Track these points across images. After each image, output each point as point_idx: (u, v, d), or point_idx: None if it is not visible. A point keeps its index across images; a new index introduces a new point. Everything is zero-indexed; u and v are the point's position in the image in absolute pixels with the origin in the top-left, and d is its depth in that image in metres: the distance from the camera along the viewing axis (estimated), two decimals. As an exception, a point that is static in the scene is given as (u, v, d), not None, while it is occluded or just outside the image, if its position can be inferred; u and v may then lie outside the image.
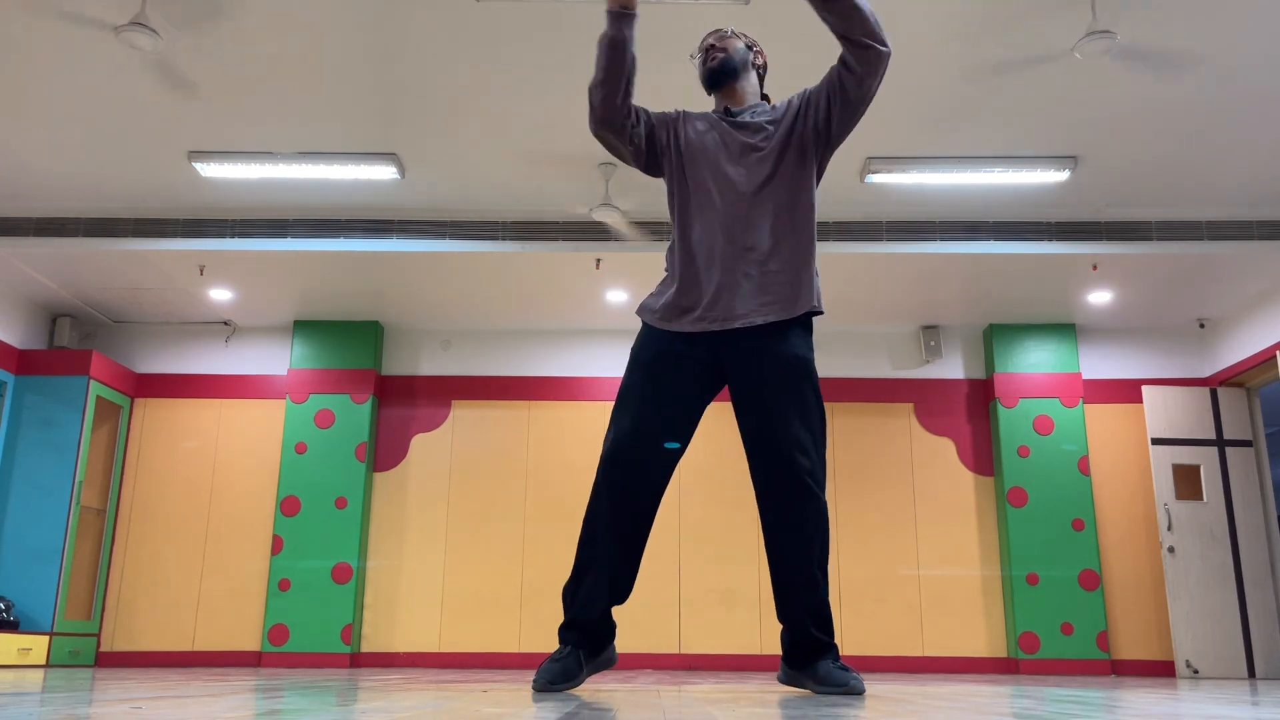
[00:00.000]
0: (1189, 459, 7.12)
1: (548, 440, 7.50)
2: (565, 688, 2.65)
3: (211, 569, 7.25)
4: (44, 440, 6.90)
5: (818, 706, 2.06)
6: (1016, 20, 4.38)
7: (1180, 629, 6.83)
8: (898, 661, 7.09)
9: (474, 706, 1.95)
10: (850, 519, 7.35)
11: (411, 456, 7.49)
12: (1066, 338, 7.47)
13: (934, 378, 7.61)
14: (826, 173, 5.73)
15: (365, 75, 4.83)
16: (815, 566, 2.68)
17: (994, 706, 2.12)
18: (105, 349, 7.66)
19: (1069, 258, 6.29)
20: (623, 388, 2.74)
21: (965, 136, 5.36)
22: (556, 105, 5.07)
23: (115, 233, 6.20)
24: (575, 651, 2.68)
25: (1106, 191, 5.94)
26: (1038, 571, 7.02)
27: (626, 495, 2.66)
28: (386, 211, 6.24)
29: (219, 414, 7.53)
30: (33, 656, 6.37)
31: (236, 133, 5.35)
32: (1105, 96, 4.94)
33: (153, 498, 7.37)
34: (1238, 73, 4.72)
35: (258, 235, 6.25)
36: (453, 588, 7.22)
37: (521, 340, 7.72)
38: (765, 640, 7.10)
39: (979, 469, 7.43)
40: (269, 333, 7.71)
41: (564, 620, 2.73)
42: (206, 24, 4.42)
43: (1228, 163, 5.57)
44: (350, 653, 6.95)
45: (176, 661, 7.08)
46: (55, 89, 4.92)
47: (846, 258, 6.33)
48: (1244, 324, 7.09)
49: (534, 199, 6.08)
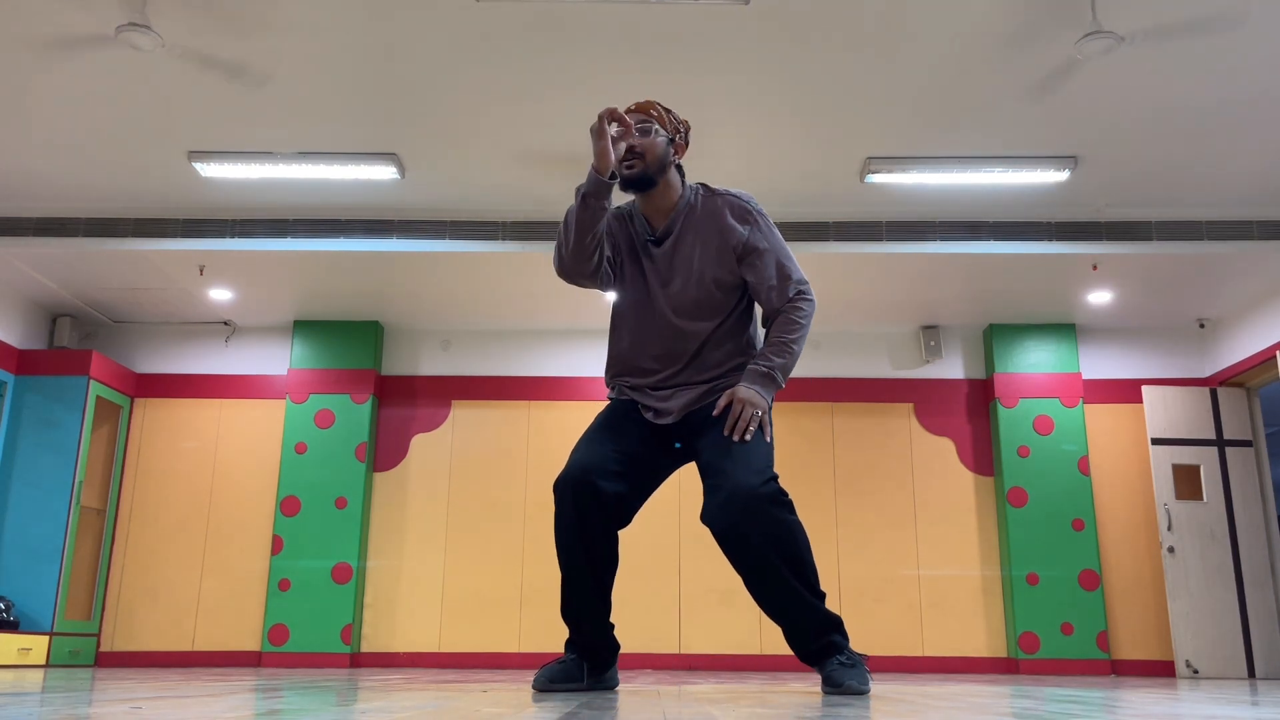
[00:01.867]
0: (1189, 459, 7.12)
1: (548, 440, 7.50)
2: (566, 689, 2.66)
3: (211, 569, 7.25)
4: (44, 440, 6.90)
5: (817, 706, 2.06)
6: (1016, 20, 4.38)
7: (1180, 629, 6.83)
8: (898, 661, 7.08)
9: (474, 706, 1.95)
10: (850, 519, 7.35)
11: (411, 456, 7.48)
12: (1066, 338, 7.47)
13: (934, 378, 7.61)
14: (826, 173, 5.74)
15: (365, 75, 4.83)
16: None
17: (994, 706, 2.12)
18: (105, 349, 7.66)
19: (1069, 258, 6.29)
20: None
21: (965, 136, 5.36)
22: (556, 105, 5.07)
23: (115, 233, 6.20)
24: (579, 660, 2.72)
25: (1106, 191, 5.94)
26: (1038, 571, 7.02)
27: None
28: (386, 211, 6.24)
29: (219, 414, 7.53)
30: (33, 656, 6.37)
31: (236, 133, 5.35)
32: (1105, 96, 4.94)
33: (153, 498, 7.37)
34: (1238, 73, 4.72)
35: (258, 235, 6.24)
36: (453, 588, 7.22)
37: (521, 340, 7.72)
38: (765, 640, 7.10)
39: (979, 469, 7.42)
40: (269, 333, 7.71)
41: (569, 636, 2.79)
42: (206, 24, 4.42)
43: (1228, 163, 5.57)
44: (350, 653, 6.95)
45: (176, 661, 7.08)
46: (55, 89, 4.92)
47: (846, 258, 6.33)
48: (1244, 324, 7.09)
49: (534, 199, 6.08)
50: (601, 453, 2.66)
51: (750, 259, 2.73)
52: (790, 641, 2.69)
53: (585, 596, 2.67)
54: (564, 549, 2.67)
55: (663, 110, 2.77)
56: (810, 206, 6.15)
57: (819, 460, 7.45)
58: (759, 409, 2.61)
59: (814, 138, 5.36)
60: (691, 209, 2.77)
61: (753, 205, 2.77)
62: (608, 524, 2.65)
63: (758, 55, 4.63)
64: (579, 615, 2.70)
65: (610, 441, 2.70)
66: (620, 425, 2.75)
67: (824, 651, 2.66)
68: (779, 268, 2.73)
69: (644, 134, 2.71)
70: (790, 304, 2.72)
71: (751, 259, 2.73)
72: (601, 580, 2.68)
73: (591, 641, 2.72)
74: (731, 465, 2.56)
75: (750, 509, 2.50)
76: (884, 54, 4.62)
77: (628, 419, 2.77)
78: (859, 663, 2.65)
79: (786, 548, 2.54)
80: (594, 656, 2.74)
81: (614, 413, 2.80)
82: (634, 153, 2.70)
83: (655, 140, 2.71)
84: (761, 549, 2.52)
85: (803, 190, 5.96)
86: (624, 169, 2.70)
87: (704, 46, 4.55)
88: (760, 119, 5.16)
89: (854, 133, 5.31)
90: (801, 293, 2.73)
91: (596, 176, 2.61)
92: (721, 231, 2.74)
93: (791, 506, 2.59)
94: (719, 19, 4.37)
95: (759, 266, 2.73)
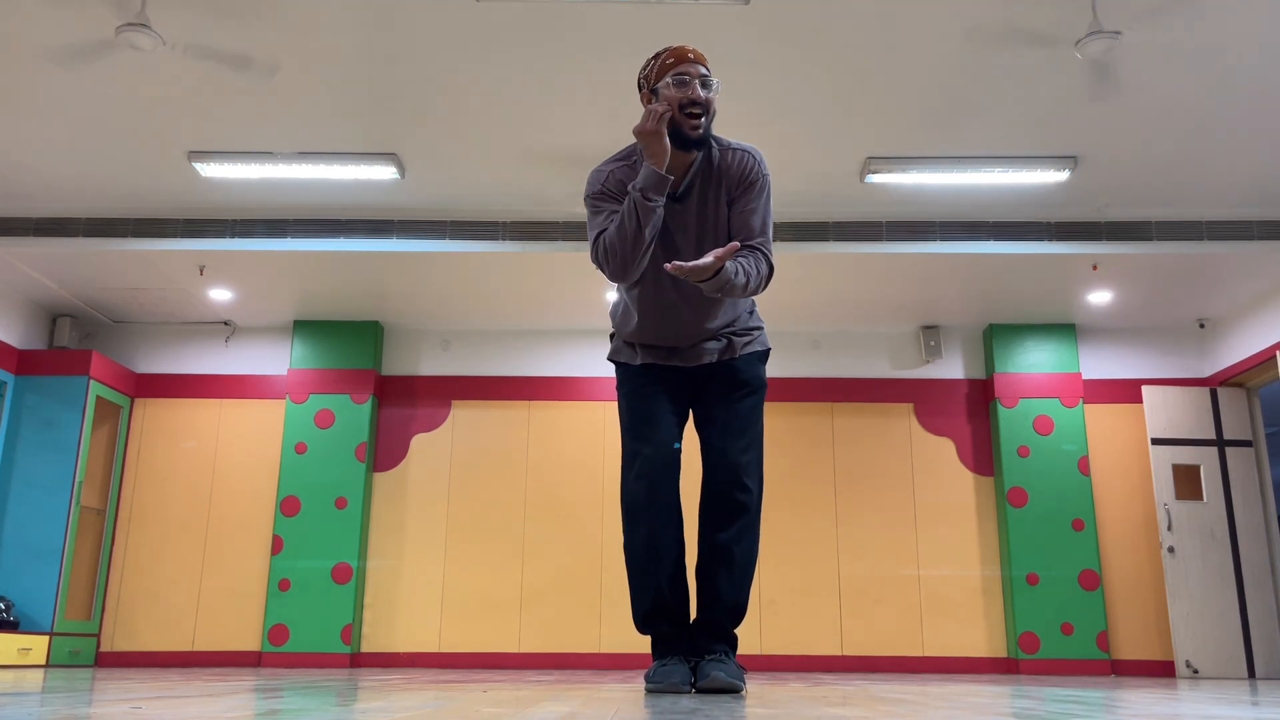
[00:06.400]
0: (1189, 459, 7.12)
1: (548, 440, 7.49)
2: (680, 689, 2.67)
3: (211, 569, 7.24)
4: (44, 440, 6.90)
5: (817, 706, 2.06)
6: (1017, 20, 4.38)
7: (1180, 629, 6.83)
8: (898, 661, 7.08)
9: (474, 706, 1.95)
10: (850, 519, 7.35)
11: (411, 456, 7.48)
12: (1066, 338, 7.47)
13: (934, 378, 7.61)
14: (826, 173, 5.74)
15: (365, 75, 4.82)
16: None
17: (994, 706, 2.12)
18: (105, 349, 7.66)
19: (1069, 258, 6.28)
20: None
21: (965, 136, 5.36)
22: (556, 105, 5.07)
23: (115, 233, 6.20)
24: (683, 658, 2.78)
25: (1106, 191, 5.94)
26: (1038, 571, 7.02)
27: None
28: (386, 211, 6.24)
29: (219, 414, 7.52)
30: (33, 656, 6.37)
31: (236, 133, 5.35)
32: (1105, 96, 4.94)
33: (153, 498, 7.37)
34: (1238, 73, 4.72)
35: (258, 235, 6.24)
36: (453, 588, 7.22)
37: (521, 340, 7.72)
38: (765, 640, 7.10)
39: (979, 469, 7.42)
40: (269, 333, 7.71)
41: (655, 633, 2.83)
42: (206, 24, 4.42)
43: (1228, 163, 5.57)
44: (350, 653, 6.94)
45: (176, 661, 7.08)
46: (55, 89, 4.92)
47: (846, 258, 6.33)
48: (1244, 324, 7.09)
49: (534, 199, 6.08)
50: (663, 458, 2.77)
51: (740, 204, 2.72)
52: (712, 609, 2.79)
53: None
54: (648, 556, 2.77)
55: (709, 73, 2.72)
56: (810, 206, 6.15)
57: (819, 460, 7.45)
58: (708, 272, 2.50)
59: (814, 138, 5.36)
60: (708, 163, 2.72)
61: (762, 168, 2.75)
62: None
63: (757, 55, 4.62)
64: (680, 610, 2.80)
65: (665, 438, 2.79)
66: (652, 414, 2.81)
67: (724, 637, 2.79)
68: (763, 230, 2.73)
69: (705, 87, 2.62)
70: (758, 256, 2.68)
71: (742, 204, 2.72)
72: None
73: (684, 629, 2.82)
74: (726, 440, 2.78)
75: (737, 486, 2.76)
76: (884, 54, 4.62)
77: (655, 394, 2.83)
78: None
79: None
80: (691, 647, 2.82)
81: (640, 397, 2.83)
82: (700, 107, 2.58)
83: (712, 97, 2.63)
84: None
85: (803, 190, 5.95)
86: (690, 130, 2.58)
87: (704, 46, 4.55)
88: (760, 119, 5.16)
89: (854, 133, 5.31)
90: (769, 261, 2.71)
91: (656, 174, 2.55)
92: (730, 188, 2.73)
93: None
94: (719, 19, 4.37)
95: (744, 214, 2.72)
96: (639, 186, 2.55)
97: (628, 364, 2.87)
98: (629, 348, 2.89)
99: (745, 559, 2.75)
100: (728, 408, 2.80)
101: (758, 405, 2.83)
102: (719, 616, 2.75)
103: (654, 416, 2.78)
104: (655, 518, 2.72)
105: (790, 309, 7.27)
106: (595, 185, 2.71)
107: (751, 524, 2.75)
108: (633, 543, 2.75)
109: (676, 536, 2.76)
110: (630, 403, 2.83)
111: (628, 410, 2.83)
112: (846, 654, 7.09)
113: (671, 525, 2.74)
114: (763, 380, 2.87)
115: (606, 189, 2.69)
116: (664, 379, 2.84)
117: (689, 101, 2.58)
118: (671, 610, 2.77)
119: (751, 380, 2.84)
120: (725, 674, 2.61)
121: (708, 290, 2.53)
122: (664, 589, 2.74)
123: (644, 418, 2.79)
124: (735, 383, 2.82)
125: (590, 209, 2.71)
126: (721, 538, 2.73)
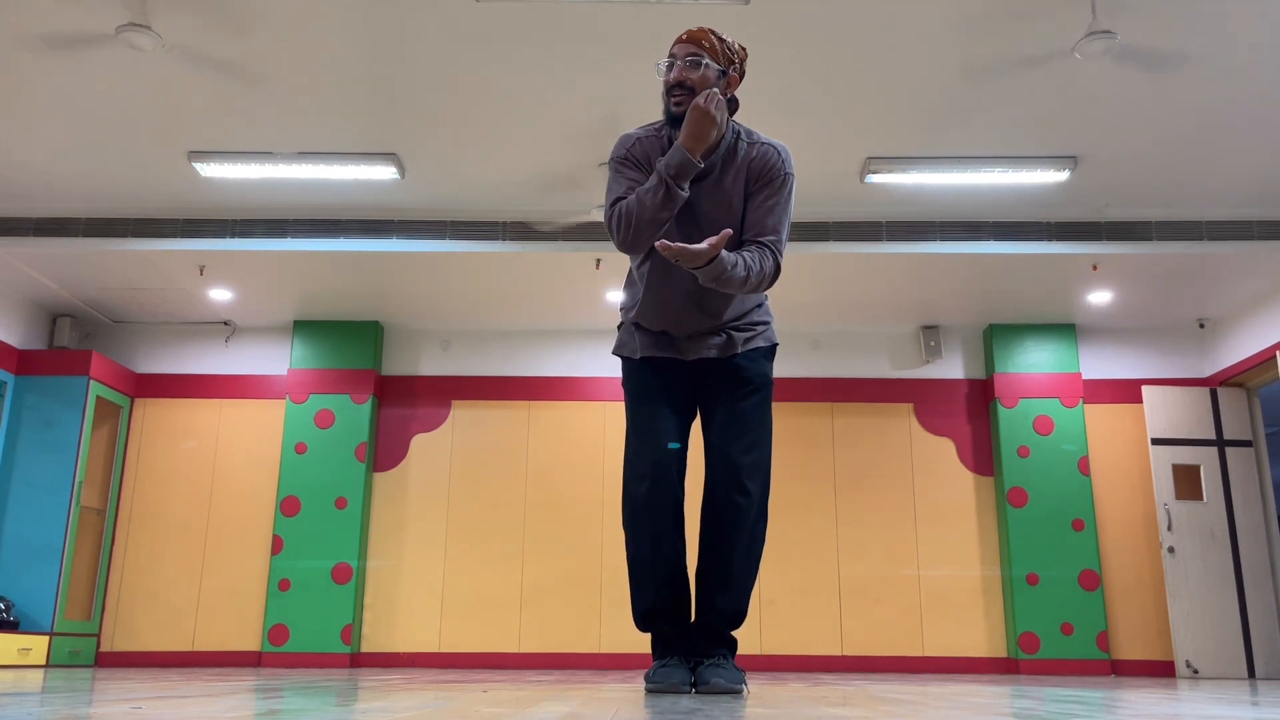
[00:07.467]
0: (1189, 459, 7.12)
1: (548, 440, 7.49)
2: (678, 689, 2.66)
3: (211, 569, 7.24)
4: (44, 440, 6.90)
5: (817, 706, 2.06)
6: (1017, 20, 4.38)
7: (1180, 629, 6.83)
8: (898, 661, 7.08)
9: (474, 707, 1.95)
10: (850, 519, 7.35)
11: (411, 456, 7.48)
12: (1066, 338, 7.47)
13: (934, 378, 7.61)
14: (826, 173, 5.73)
15: (365, 75, 4.82)
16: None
17: (994, 706, 2.12)
18: (105, 349, 7.66)
19: (1069, 258, 6.28)
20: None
21: (965, 136, 5.35)
22: (557, 106, 5.07)
23: (115, 233, 6.20)
24: (682, 659, 2.77)
25: (1106, 191, 5.94)
26: (1038, 571, 7.02)
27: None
28: (386, 211, 6.24)
29: (219, 414, 7.52)
30: (33, 656, 6.37)
31: (236, 133, 5.35)
32: (1105, 96, 4.94)
33: (153, 498, 7.37)
34: (1237, 73, 4.72)
35: (257, 235, 6.24)
36: (453, 588, 7.22)
37: (521, 340, 7.72)
38: (765, 640, 7.10)
39: (979, 469, 7.42)
40: (269, 333, 7.71)
41: (655, 631, 2.82)
42: (206, 24, 4.42)
43: (1228, 163, 5.57)
44: (350, 653, 6.94)
45: (176, 661, 7.08)
46: (55, 89, 4.92)
47: (846, 258, 6.33)
48: (1244, 324, 7.09)
49: (534, 199, 6.08)
50: (666, 462, 2.75)
51: (759, 198, 2.70)
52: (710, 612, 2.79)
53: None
54: (651, 558, 2.76)
55: (716, 40, 2.71)
56: (810, 206, 6.15)
57: (819, 460, 7.45)
58: (700, 258, 2.49)
59: (814, 138, 5.36)
60: (733, 151, 2.72)
61: (786, 165, 2.73)
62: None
63: (757, 55, 4.62)
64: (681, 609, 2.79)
65: (663, 438, 2.76)
66: (653, 413, 2.79)
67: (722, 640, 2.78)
68: (775, 229, 2.70)
69: (693, 67, 2.66)
70: (766, 253, 2.65)
71: (760, 199, 2.70)
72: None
73: (684, 629, 2.80)
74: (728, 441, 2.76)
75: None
76: (884, 54, 4.62)
77: (657, 391, 2.81)
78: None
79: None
80: (691, 647, 2.82)
81: (642, 395, 2.82)
82: (683, 87, 2.65)
83: (705, 75, 2.66)
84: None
85: (803, 190, 5.96)
86: (673, 105, 2.66)
87: (704, 46, 4.55)
88: (760, 119, 5.16)
89: (854, 133, 5.31)
90: (777, 260, 2.67)
91: (688, 160, 2.56)
92: (751, 180, 2.72)
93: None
94: (719, 19, 4.37)
95: (760, 209, 2.70)
96: (671, 172, 2.56)
97: (630, 358, 2.86)
98: (631, 336, 2.86)
99: (744, 565, 2.71)
100: (729, 406, 2.77)
101: (762, 404, 2.77)
102: (716, 622, 2.74)
103: (656, 415, 2.77)
104: (655, 518, 2.71)
105: (790, 309, 7.27)
106: (621, 150, 2.76)
107: (751, 528, 2.71)
108: (633, 542, 2.75)
109: (677, 538, 2.75)
110: (633, 400, 2.82)
111: (631, 408, 2.82)
112: (846, 654, 7.09)
113: (672, 526, 2.73)
114: (768, 377, 2.80)
115: (632, 155, 2.73)
116: (665, 375, 2.82)
117: (674, 84, 2.67)
118: (670, 612, 2.76)
119: (755, 378, 2.78)
120: (724, 679, 2.60)
121: (703, 279, 2.53)
122: (663, 590, 2.73)
123: (646, 416, 2.78)
124: (737, 380, 2.78)
125: (612, 171, 2.74)
126: (720, 543, 2.71)
